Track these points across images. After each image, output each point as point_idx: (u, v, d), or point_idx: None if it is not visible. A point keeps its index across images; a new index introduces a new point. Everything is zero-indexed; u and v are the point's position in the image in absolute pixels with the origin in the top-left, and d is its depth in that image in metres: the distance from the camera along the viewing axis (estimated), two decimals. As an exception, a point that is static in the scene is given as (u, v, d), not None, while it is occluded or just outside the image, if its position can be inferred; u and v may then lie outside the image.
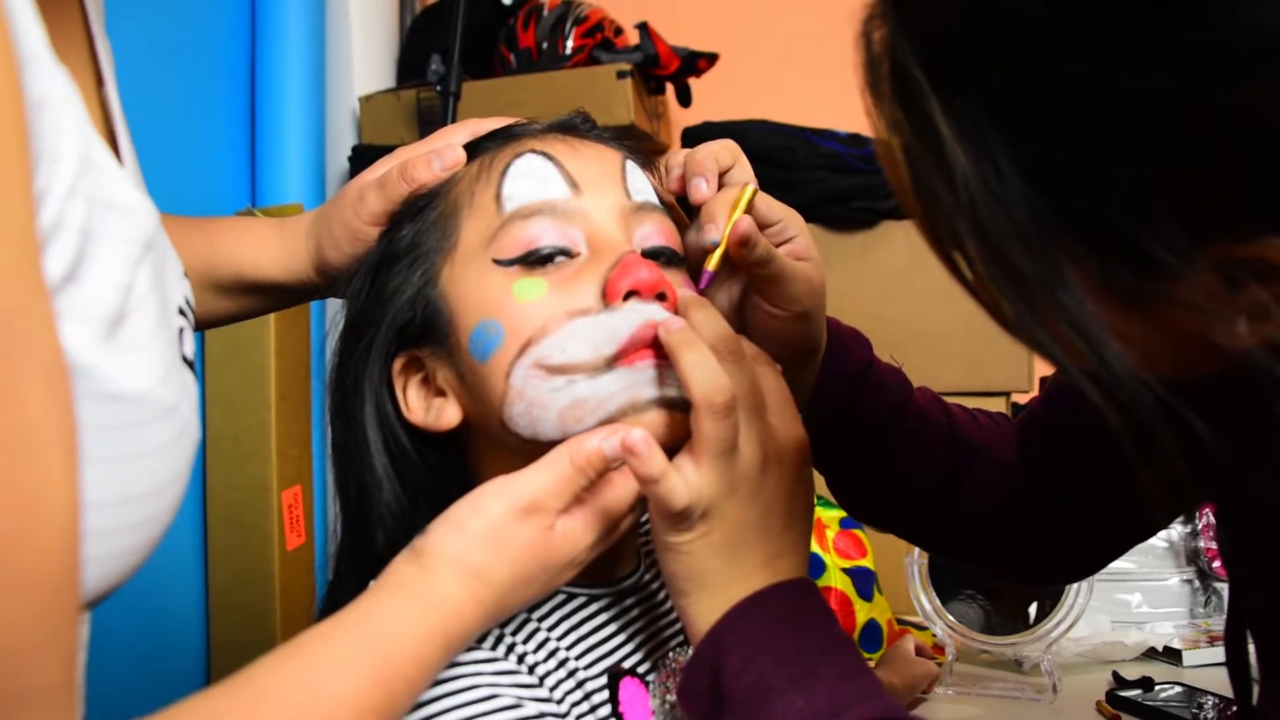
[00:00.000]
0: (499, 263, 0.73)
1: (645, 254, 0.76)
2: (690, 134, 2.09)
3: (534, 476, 0.67)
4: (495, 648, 0.71)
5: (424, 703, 0.65)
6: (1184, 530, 1.74)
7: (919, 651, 1.52)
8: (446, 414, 0.76)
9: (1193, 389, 0.51)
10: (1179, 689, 1.47)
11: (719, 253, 0.76)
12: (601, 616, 0.77)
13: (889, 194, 1.85)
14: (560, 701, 0.71)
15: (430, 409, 0.77)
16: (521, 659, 0.71)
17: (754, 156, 0.83)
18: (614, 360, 0.70)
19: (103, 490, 0.48)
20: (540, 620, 0.74)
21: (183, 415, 0.55)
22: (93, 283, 0.48)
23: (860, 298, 1.91)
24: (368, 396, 0.76)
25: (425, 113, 2.24)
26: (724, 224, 0.76)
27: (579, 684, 0.72)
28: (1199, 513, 1.67)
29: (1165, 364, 0.52)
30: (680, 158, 0.81)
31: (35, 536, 0.41)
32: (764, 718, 0.64)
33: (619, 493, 0.69)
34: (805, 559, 0.73)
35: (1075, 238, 0.50)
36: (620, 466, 0.69)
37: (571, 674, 0.72)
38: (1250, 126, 0.45)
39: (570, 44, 2.28)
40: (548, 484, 0.66)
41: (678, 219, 0.81)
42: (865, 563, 1.65)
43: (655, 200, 0.79)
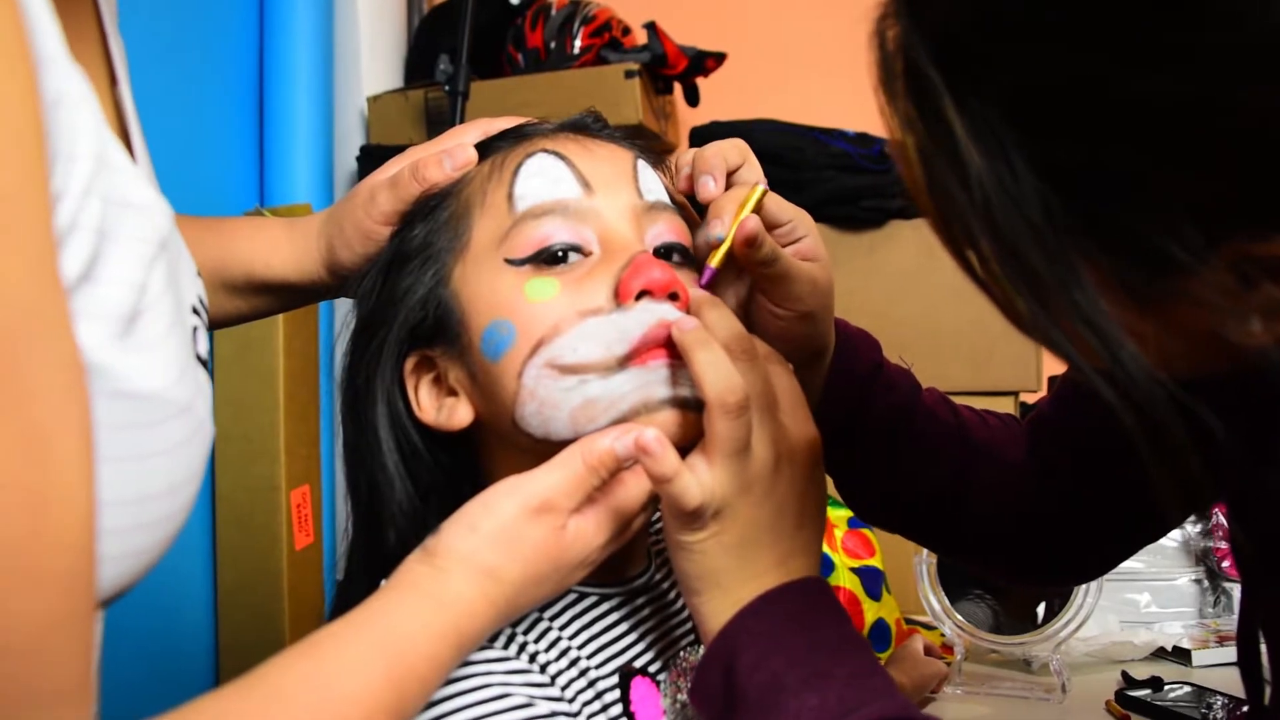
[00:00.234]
0: (511, 262, 0.73)
1: (657, 251, 0.77)
2: (698, 134, 2.08)
3: (546, 476, 0.67)
4: (507, 647, 0.71)
5: (436, 701, 0.65)
6: (1193, 530, 1.74)
7: (928, 651, 1.52)
8: (458, 413, 0.76)
9: (1205, 387, 0.51)
10: (1188, 689, 1.46)
11: (723, 249, 0.76)
12: (613, 616, 0.77)
13: (897, 193, 1.84)
14: (572, 701, 0.71)
15: (442, 408, 0.77)
16: (533, 658, 0.71)
17: (762, 156, 0.83)
18: (626, 360, 0.70)
19: (117, 489, 0.48)
20: (552, 619, 0.74)
21: (197, 414, 0.55)
22: (108, 281, 0.48)
23: (868, 297, 1.90)
24: (379, 396, 0.76)
25: (433, 112, 2.24)
26: (730, 221, 0.76)
27: (590, 683, 0.73)
28: (1209, 512, 1.67)
29: (1179, 362, 0.52)
30: (689, 156, 0.81)
31: (52, 536, 0.41)
32: (776, 717, 0.64)
33: (631, 492, 0.69)
34: (817, 558, 0.73)
35: (1089, 236, 0.50)
36: (632, 466, 0.69)
37: (583, 673, 0.72)
38: (1262, 125, 0.45)
39: (578, 43, 2.28)
40: (560, 483, 0.67)
41: (689, 218, 0.81)
42: (874, 562, 1.65)
43: (667, 199, 0.79)
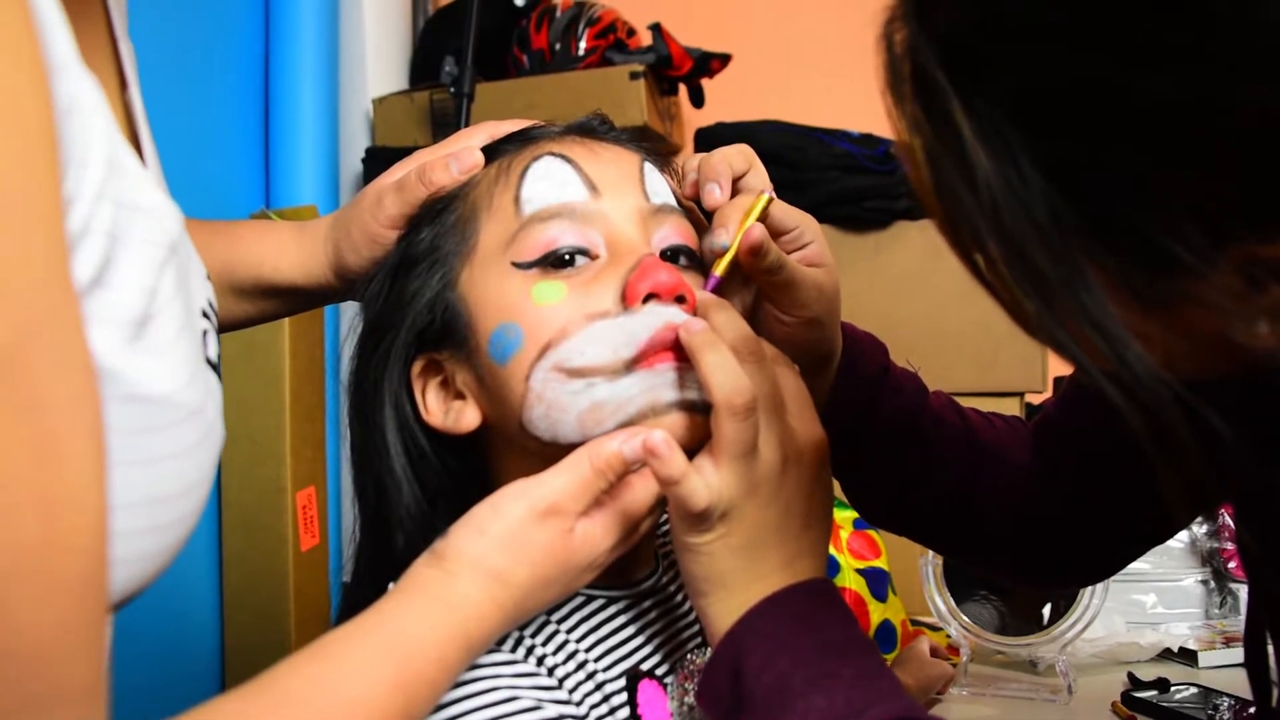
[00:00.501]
0: (518, 265, 0.73)
1: (664, 254, 0.77)
2: (703, 135, 2.09)
3: (554, 479, 0.67)
4: (515, 650, 0.71)
5: (445, 704, 0.65)
6: (1200, 531, 1.74)
7: (934, 652, 1.52)
8: (466, 417, 0.76)
9: (1212, 388, 0.51)
10: (1194, 690, 1.46)
11: (727, 258, 0.76)
12: (620, 619, 0.77)
13: (901, 194, 1.85)
14: (579, 704, 0.71)
15: (449, 412, 0.77)
16: (541, 661, 0.71)
17: (766, 157, 0.82)
18: (633, 363, 0.70)
19: (129, 492, 0.48)
20: (559, 622, 0.74)
21: (207, 418, 0.55)
22: (119, 286, 0.48)
23: (873, 298, 1.91)
24: (387, 399, 0.76)
25: (438, 114, 2.24)
26: (735, 230, 0.75)
27: (598, 686, 0.73)
28: (1216, 513, 1.67)
29: (1186, 364, 0.52)
30: (695, 162, 0.81)
31: (65, 540, 0.41)
32: (784, 718, 0.64)
33: (638, 495, 0.69)
34: (824, 560, 0.73)
35: (1096, 238, 0.50)
36: (639, 469, 0.69)
37: (590, 676, 0.73)
38: (1266, 126, 0.45)
39: (583, 45, 2.29)
40: (567, 487, 0.67)
41: (695, 221, 0.81)
42: (879, 563, 1.65)
43: (673, 202, 0.79)
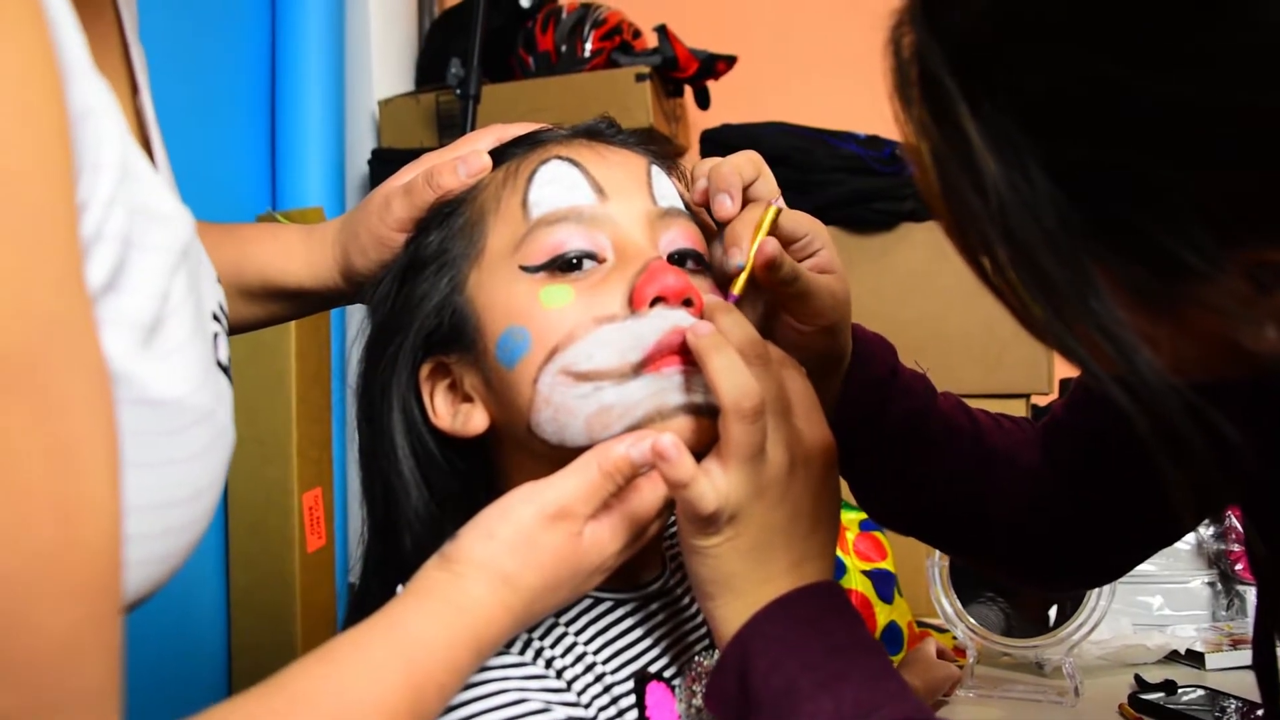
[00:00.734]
0: (526, 269, 0.74)
1: (671, 257, 0.77)
2: (708, 137, 2.09)
3: (562, 483, 0.67)
4: (524, 652, 0.71)
5: (454, 706, 0.65)
6: (1206, 533, 1.74)
7: (940, 654, 1.52)
8: (474, 420, 0.76)
9: (1219, 392, 0.51)
10: (1202, 692, 1.46)
11: (743, 278, 0.76)
12: (627, 621, 0.78)
13: (907, 196, 1.84)
14: (588, 706, 0.71)
15: (457, 415, 0.77)
16: (549, 663, 0.71)
17: (772, 159, 0.82)
18: (640, 367, 0.70)
19: (142, 495, 0.49)
20: (567, 625, 0.74)
21: (218, 421, 0.55)
22: (132, 290, 0.49)
23: (879, 299, 1.91)
24: (395, 402, 0.77)
25: (444, 116, 2.24)
26: (748, 247, 0.75)
27: (606, 688, 0.73)
28: (1223, 515, 1.67)
29: (1193, 368, 0.52)
30: (705, 169, 0.81)
31: (80, 544, 0.41)
32: None
33: (646, 498, 0.70)
34: (831, 562, 0.73)
35: (1104, 242, 0.50)
36: (647, 472, 0.69)
37: (598, 678, 0.73)
38: (1275, 130, 0.45)
39: (589, 47, 2.29)
40: (576, 490, 0.67)
41: (703, 224, 0.81)
42: (885, 565, 1.65)
43: (681, 206, 0.79)
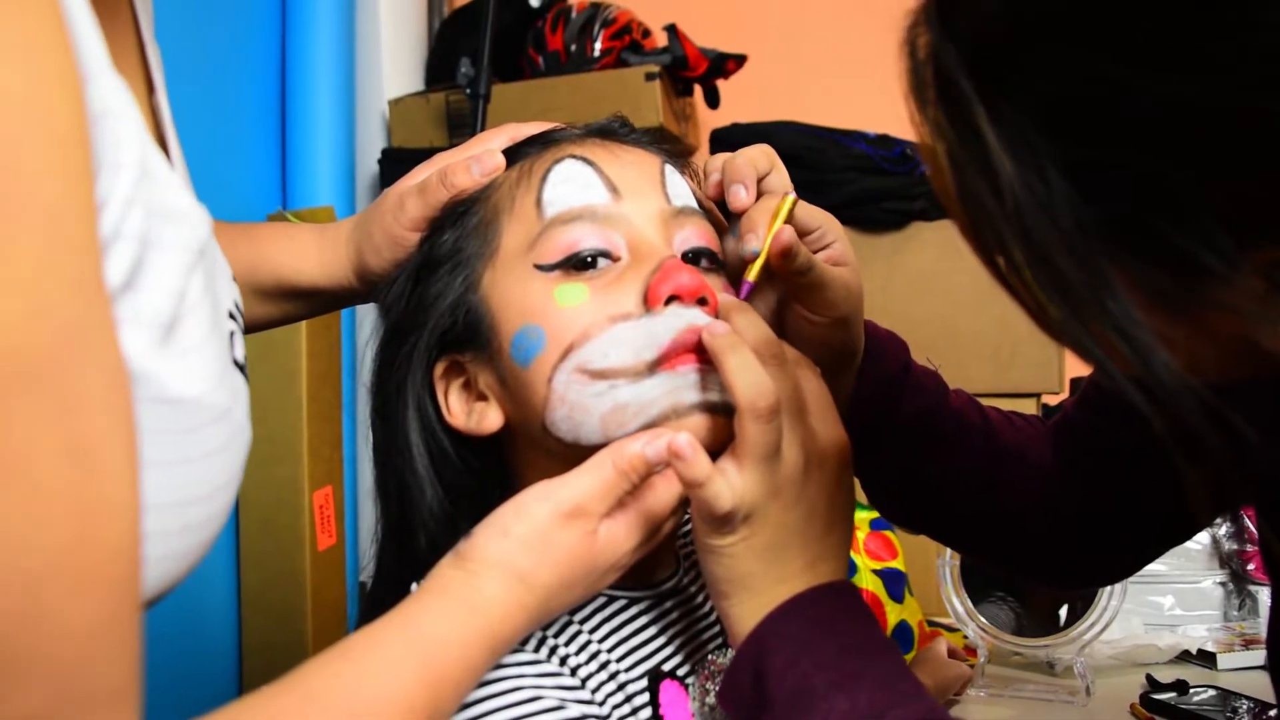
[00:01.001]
0: (540, 268, 0.74)
1: (685, 256, 0.77)
2: (718, 136, 2.09)
3: (577, 481, 0.67)
4: (538, 650, 0.71)
5: (469, 704, 0.66)
6: (1218, 532, 1.73)
7: (951, 654, 1.52)
8: (488, 418, 0.76)
9: (1236, 391, 0.51)
10: (1213, 692, 1.46)
11: (759, 263, 0.76)
12: (641, 619, 0.78)
13: (918, 195, 1.84)
14: (602, 704, 0.71)
15: (472, 413, 0.77)
16: (564, 661, 0.71)
17: (783, 158, 0.82)
18: (656, 365, 0.70)
19: (160, 493, 0.49)
20: (582, 623, 0.75)
21: (235, 419, 0.56)
22: (149, 289, 0.49)
23: (889, 299, 1.90)
24: (410, 401, 0.77)
25: (454, 115, 2.25)
26: (764, 234, 0.76)
27: (620, 686, 0.73)
28: (1236, 514, 1.67)
29: (1210, 368, 0.52)
30: (718, 163, 0.81)
31: (100, 542, 0.41)
32: (806, 719, 0.64)
33: (661, 497, 0.70)
34: (845, 561, 0.73)
35: (1121, 243, 0.50)
36: (662, 470, 0.69)
37: (613, 676, 0.73)
38: None
39: (599, 46, 2.29)
40: (591, 488, 0.67)
41: (716, 223, 0.82)
42: (896, 564, 1.65)
43: (694, 204, 0.80)
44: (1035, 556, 0.98)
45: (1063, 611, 1.57)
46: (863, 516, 1.67)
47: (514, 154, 0.81)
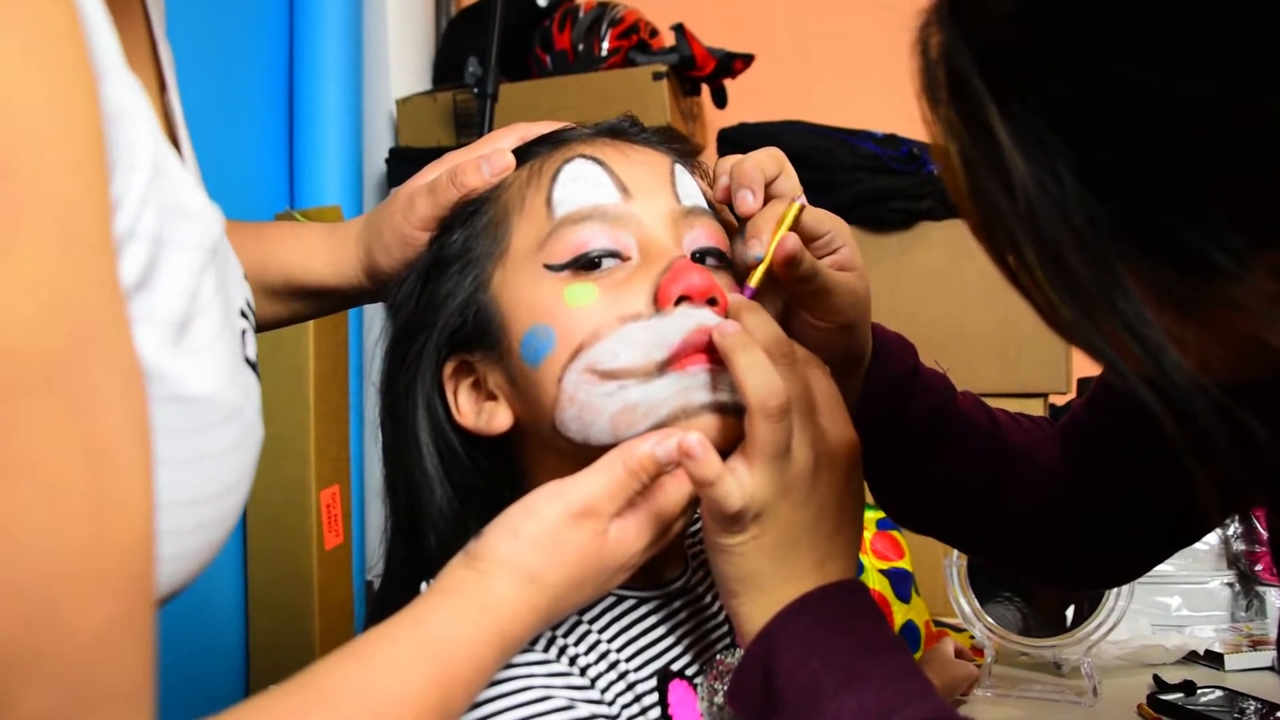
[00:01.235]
0: (550, 268, 0.74)
1: (694, 255, 0.77)
2: (726, 136, 2.08)
3: (588, 481, 0.67)
4: (548, 650, 0.72)
5: (479, 703, 0.66)
6: (1225, 533, 1.73)
7: (958, 654, 1.52)
8: (498, 418, 0.76)
9: (1247, 391, 0.51)
10: (1221, 693, 1.46)
11: (761, 270, 0.76)
12: (650, 619, 0.78)
13: (925, 195, 1.83)
14: (611, 704, 0.71)
15: (481, 413, 0.77)
16: (573, 661, 0.71)
17: (791, 158, 0.82)
18: (666, 365, 0.70)
19: (173, 491, 0.49)
20: (591, 622, 0.75)
21: (247, 417, 0.56)
22: (163, 288, 0.49)
23: (897, 299, 1.90)
24: (420, 401, 0.77)
25: (462, 115, 2.25)
26: (769, 240, 0.75)
27: (629, 686, 0.73)
28: (1245, 515, 1.66)
29: (1221, 368, 0.52)
30: (726, 166, 0.81)
31: (116, 541, 0.41)
32: (815, 719, 0.64)
33: (671, 496, 0.70)
34: (855, 561, 0.73)
35: (1132, 242, 0.50)
36: (672, 470, 0.69)
37: (622, 676, 0.73)
38: None
39: (606, 45, 2.29)
40: (601, 488, 0.67)
41: (726, 223, 0.81)
42: (903, 564, 1.65)
43: (704, 205, 0.80)
44: (1043, 558, 0.98)
45: (1069, 612, 1.57)
46: (869, 516, 1.67)
47: (524, 154, 0.81)
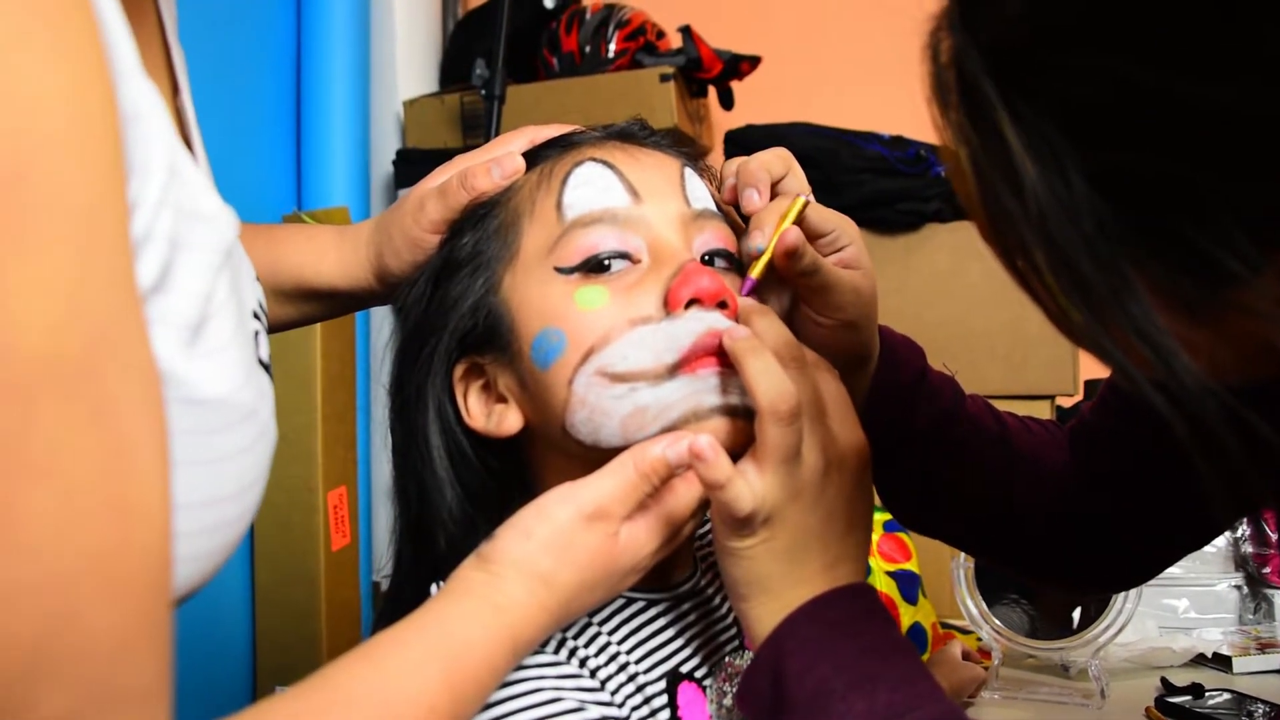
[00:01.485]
0: (560, 271, 0.74)
1: (705, 256, 0.77)
2: (732, 137, 2.09)
3: (599, 483, 0.68)
4: (558, 651, 0.72)
5: (490, 705, 0.66)
6: (1233, 536, 1.73)
7: (965, 656, 1.52)
8: (508, 420, 0.77)
9: (1257, 394, 0.51)
10: (1228, 696, 1.45)
11: (762, 261, 0.76)
12: (659, 621, 0.78)
13: (932, 197, 1.83)
14: (621, 705, 0.71)
15: (492, 415, 0.77)
16: (583, 662, 0.72)
17: (798, 160, 0.83)
18: (676, 368, 0.70)
19: (189, 493, 0.49)
20: (601, 624, 0.75)
21: (261, 418, 0.56)
22: (178, 291, 0.49)
23: (903, 300, 1.90)
24: (430, 403, 0.77)
25: (469, 116, 2.25)
26: (771, 232, 0.76)
27: (639, 688, 0.73)
28: (1256, 517, 1.66)
29: (1231, 371, 0.52)
30: (733, 167, 0.81)
31: (134, 544, 0.42)
32: None
33: (682, 499, 0.70)
34: (864, 564, 0.73)
35: (1143, 247, 0.50)
36: (683, 473, 0.69)
37: (632, 678, 0.73)
38: None
39: (613, 47, 2.29)
40: (613, 491, 0.67)
41: (735, 226, 0.82)
42: (910, 566, 1.65)
43: (714, 208, 0.80)
44: (1051, 561, 0.98)
45: (1076, 614, 1.57)
46: (877, 518, 1.67)
47: (534, 157, 0.81)
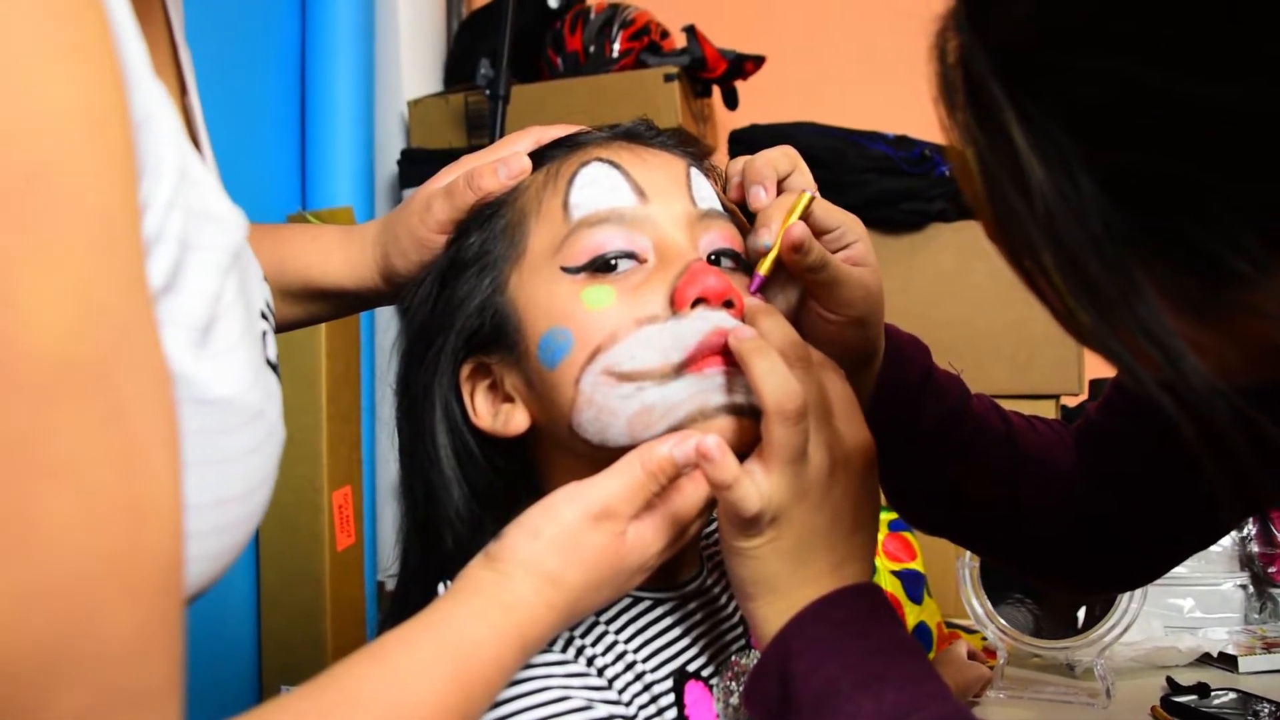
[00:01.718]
0: (567, 270, 0.74)
1: (711, 256, 0.77)
2: (737, 137, 2.09)
3: (606, 483, 0.68)
4: (565, 650, 0.72)
5: (498, 703, 0.66)
6: (1239, 535, 1.73)
7: (970, 655, 1.52)
8: (515, 420, 0.77)
9: (1265, 395, 0.51)
10: (1234, 695, 1.45)
11: (770, 257, 0.76)
12: (666, 620, 0.78)
13: (937, 196, 1.83)
14: (629, 704, 0.72)
15: (498, 415, 0.78)
16: (591, 661, 0.72)
17: (803, 159, 0.83)
18: (682, 367, 0.71)
19: (198, 494, 0.49)
20: (608, 623, 0.75)
21: (269, 419, 0.56)
22: (188, 291, 0.49)
23: (908, 300, 1.90)
24: (437, 402, 0.77)
25: (473, 116, 2.25)
26: (777, 228, 0.76)
27: (646, 686, 0.73)
28: (1266, 517, 1.66)
29: (1240, 372, 0.52)
30: (739, 165, 0.81)
31: (147, 544, 0.42)
32: None
33: (689, 498, 0.70)
34: (871, 563, 0.73)
35: (1151, 248, 0.50)
36: (690, 472, 0.70)
37: (639, 677, 0.73)
38: None
39: (617, 47, 2.29)
40: (620, 490, 0.67)
41: (741, 225, 0.82)
42: (915, 565, 1.65)
43: (720, 207, 0.80)
44: (1057, 561, 0.98)
45: (1081, 614, 1.57)
46: (882, 517, 1.67)
47: (540, 157, 0.82)
